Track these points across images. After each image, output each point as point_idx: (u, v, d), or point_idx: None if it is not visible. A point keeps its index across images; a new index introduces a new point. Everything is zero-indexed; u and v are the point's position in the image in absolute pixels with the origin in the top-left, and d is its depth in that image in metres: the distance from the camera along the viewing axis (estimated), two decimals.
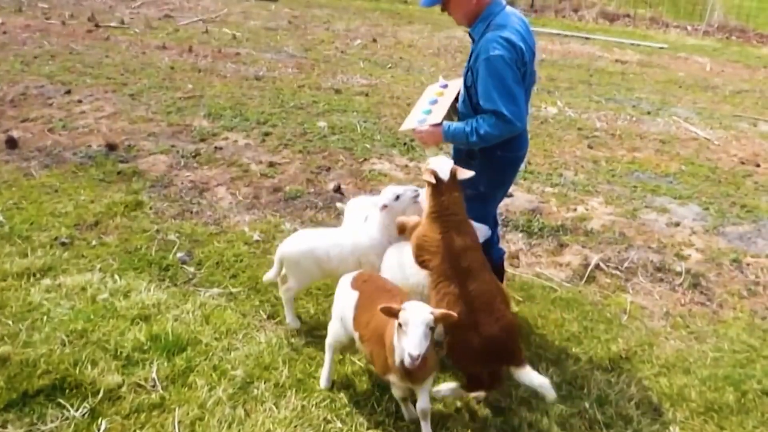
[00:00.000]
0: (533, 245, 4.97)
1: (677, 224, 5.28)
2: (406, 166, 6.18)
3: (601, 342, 3.79)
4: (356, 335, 2.96)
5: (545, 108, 8.40)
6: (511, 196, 5.61)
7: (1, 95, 7.60)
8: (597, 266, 4.67)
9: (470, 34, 3.36)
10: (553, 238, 5.06)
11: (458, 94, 3.51)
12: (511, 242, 4.99)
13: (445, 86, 3.67)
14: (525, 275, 4.53)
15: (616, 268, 4.67)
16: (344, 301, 3.06)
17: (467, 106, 3.39)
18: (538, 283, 4.43)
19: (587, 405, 3.26)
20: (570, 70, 10.71)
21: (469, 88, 3.32)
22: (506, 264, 4.68)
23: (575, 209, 5.49)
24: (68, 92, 7.79)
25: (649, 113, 8.39)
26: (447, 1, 3.29)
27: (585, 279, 4.52)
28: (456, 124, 3.30)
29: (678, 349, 3.78)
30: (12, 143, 6.18)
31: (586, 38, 13.31)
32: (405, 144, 6.67)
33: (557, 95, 9.11)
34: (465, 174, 3.09)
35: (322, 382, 3.24)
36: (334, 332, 3.18)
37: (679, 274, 4.59)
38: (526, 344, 3.72)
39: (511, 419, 3.13)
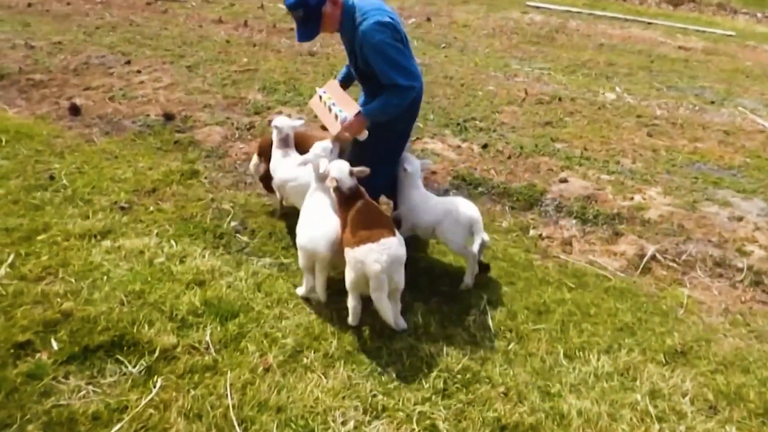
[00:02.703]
0: (587, 232, 4.87)
1: (740, 219, 5.08)
2: (459, 146, 6.10)
3: (656, 334, 3.69)
4: None
5: (603, 93, 8.18)
6: (566, 181, 5.51)
7: (65, 64, 7.82)
8: (653, 257, 4.54)
9: (341, 33, 3.84)
10: (608, 226, 4.94)
11: (340, 88, 4.10)
12: (564, 228, 4.89)
13: (324, 92, 4.12)
14: (578, 262, 4.44)
15: (674, 261, 4.53)
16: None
17: (367, 83, 3.95)
18: (591, 271, 4.34)
19: (639, 397, 3.19)
20: (630, 55, 10.40)
21: (365, 72, 3.84)
22: (559, 250, 4.63)
23: (632, 198, 5.34)
24: (128, 62, 7.96)
25: (713, 103, 8.07)
26: (322, 27, 3.75)
27: (640, 270, 4.41)
28: (370, 107, 3.76)
29: (737, 347, 3.65)
30: (75, 110, 6.36)
31: (648, 23, 12.88)
32: (458, 124, 6.60)
33: (616, 81, 8.86)
34: (364, 172, 3.52)
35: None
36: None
37: (741, 270, 4.42)
38: (578, 331, 3.66)
39: (560, 405, 3.08)
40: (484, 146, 6.11)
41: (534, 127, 6.78)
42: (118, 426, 2.75)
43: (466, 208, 3.89)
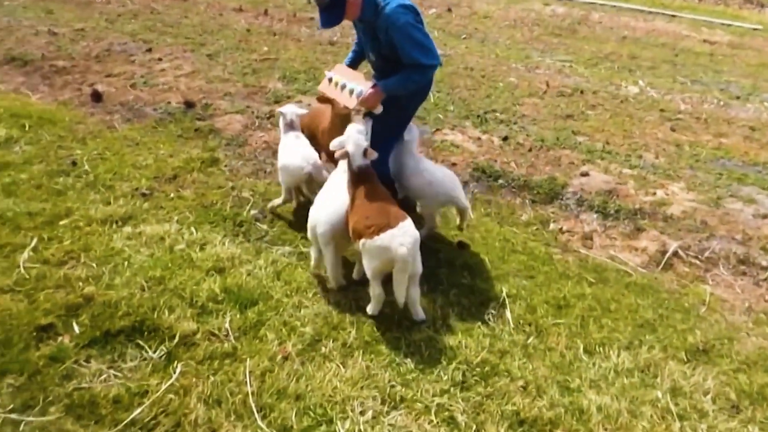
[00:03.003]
0: (608, 227, 4.81)
1: (765, 216, 4.98)
2: (479, 138, 6.06)
3: (677, 332, 3.65)
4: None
5: (625, 87, 8.08)
6: (587, 175, 5.45)
7: (87, 51, 7.87)
8: (675, 254, 4.48)
9: (361, 21, 3.96)
10: (630, 221, 4.88)
11: (349, 69, 4.27)
12: (585, 223, 4.84)
13: (332, 75, 4.18)
14: (599, 257, 4.40)
15: (696, 258, 4.47)
16: None
17: (386, 66, 4.02)
18: (612, 266, 4.29)
19: (660, 394, 3.15)
20: (653, 48, 10.24)
21: (387, 56, 3.97)
22: (579, 244, 4.59)
23: (654, 193, 5.27)
24: (149, 50, 7.99)
25: (738, 98, 7.93)
26: (344, 14, 3.83)
27: (662, 266, 4.35)
28: (390, 81, 3.88)
29: (760, 346, 3.59)
30: (97, 96, 6.41)
31: (672, 16, 12.68)
32: (478, 116, 6.55)
33: (639, 74, 8.74)
34: (373, 154, 3.58)
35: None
36: None
37: (765, 268, 4.34)
38: (598, 326, 3.63)
39: (580, 401, 3.05)
40: (505, 138, 6.06)
41: (555, 119, 6.71)
42: (139, 410, 2.77)
43: (449, 181, 4.20)
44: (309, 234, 3.68)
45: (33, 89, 6.71)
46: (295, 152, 4.27)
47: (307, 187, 4.43)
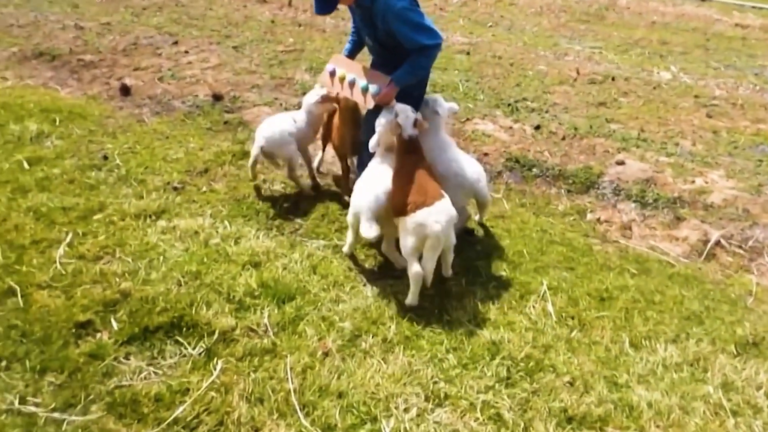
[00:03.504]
0: (647, 216, 4.69)
1: None
2: (510, 127, 5.94)
3: (725, 324, 3.53)
4: None
5: (657, 72, 7.89)
6: (623, 164, 5.31)
7: (114, 44, 7.88)
8: (717, 243, 4.34)
9: (358, 6, 3.87)
10: (669, 210, 4.75)
11: (351, 61, 4.21)
12: (623, 212, 4.72)
13: (334, 68, 4.17)
14: (639, 247, 4.28)
15: (740, 247, 4.33)
16: None
17: (384, 52, 4.00)
18: (654, 257, 4.17)
19: (711, 389, 3.04)
20: (684, 33, 10.00)
21: (384, 43, 3.92)
22: (618, 234, 4.47)
23: (693, 181, 5.13)
24: (175, 43, 7.98)
25: None
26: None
27: (704, 256, 4.23)
28: (399, 74, 3.81)
29: None
30: (125, 90, 6.40)
31: (702, 0, 12.35)
32: (509, 105, 6.43)
33: (670, 60, 8.53)
34: (425, 126, 3.76)
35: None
36: None
37: None
38: (642, 319, 3.52)
39: (629, 397, 2.96)
40: (537, 127, 5.93)
41: (587, 107, 6.56)
42: (181, 409, 2.74)
43: (472, 172, 4.00)
44: (350, 218, 3.67)
45: (62, 84, 6.73)
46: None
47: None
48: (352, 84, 4.02)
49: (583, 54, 8.52)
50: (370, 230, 3.44)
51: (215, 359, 3.02)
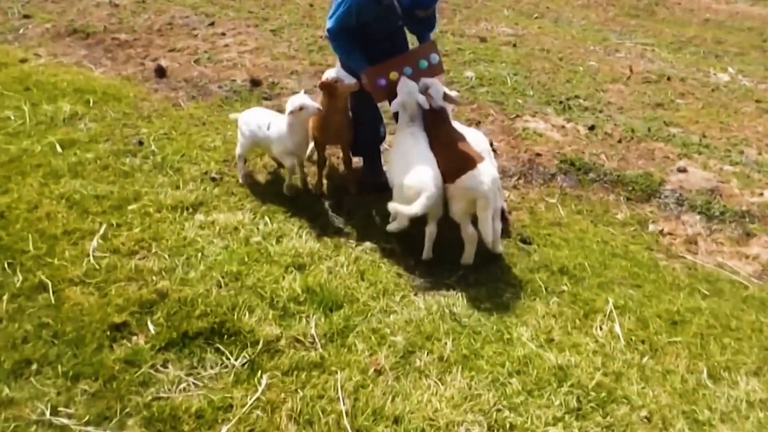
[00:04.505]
0: (713, 231, 4.36)
1: None
2: (563, 126, 5.61)
3: None
4: None
5: (714, 74, 7.47)
6: (684, 171, 4.98)
7: (149, 24, 7.65)
8: None
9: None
10: (737, 224, 4.42)
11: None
12: (688, 225, 4.40)
13: (384, 83, 3.96)
14: (707, 265, 3.96)
15: None
16: None
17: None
18: (725, 276, 3.86)
19: None
20: (739, 33, 9.53)
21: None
22: (683, 249, 4.15)
23: (761, 194, 4.78)
24: (212, 24, 7.73)
25: None
26: None
27: None
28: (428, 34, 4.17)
29: None
30: (161, 72, 6.17)
31: None
32: (560, 102, 6.08)
33: (727, 60, 8.10)
34: (453, 93, 3.98)
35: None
36: None
37: None
38: (719, 347, 3.22)
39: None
40: (591, 128, 5.60)
41: (644, 108, 6.20)
42: (225, 428, 2.50)
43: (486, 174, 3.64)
44: (408, 193, 3.52)
45: (95, 63, 6.52)
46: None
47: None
48: (409, 75, 3.88)
49: (635, 51, 8.11)
50: (424, 206, 3.41)
51: (259, 372, 2.78)
